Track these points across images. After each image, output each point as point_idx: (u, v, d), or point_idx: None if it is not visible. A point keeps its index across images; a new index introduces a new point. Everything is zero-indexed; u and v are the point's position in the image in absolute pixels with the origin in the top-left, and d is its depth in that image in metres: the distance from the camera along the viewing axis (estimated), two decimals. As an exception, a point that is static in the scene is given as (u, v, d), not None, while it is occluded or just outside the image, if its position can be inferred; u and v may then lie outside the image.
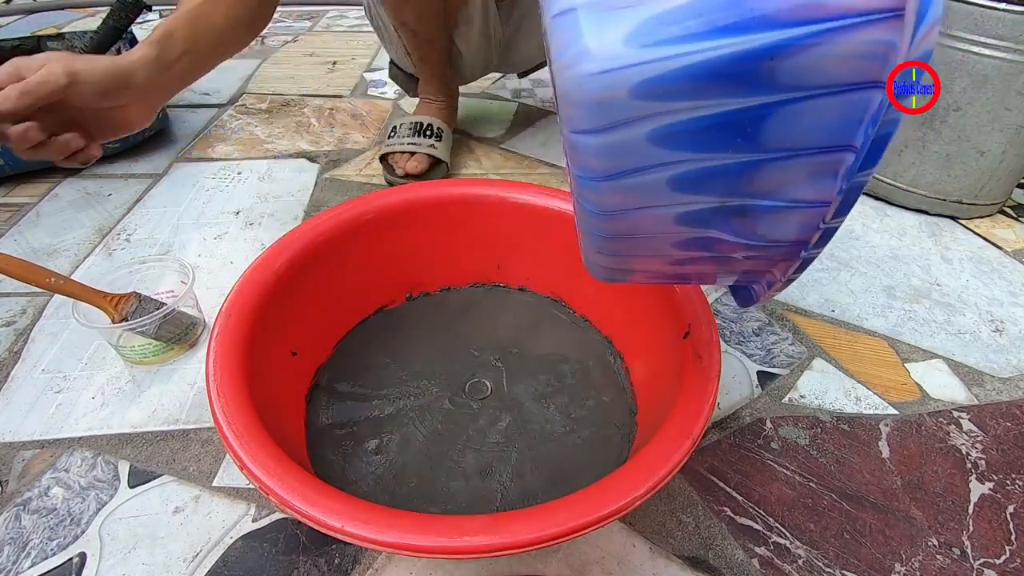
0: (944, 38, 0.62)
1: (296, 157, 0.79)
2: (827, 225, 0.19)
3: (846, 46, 0.15)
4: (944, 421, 0.46)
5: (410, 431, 0.40)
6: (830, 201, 0.18)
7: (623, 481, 0.28)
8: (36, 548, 0.36)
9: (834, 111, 0.16)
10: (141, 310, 0.45)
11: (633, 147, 0.18)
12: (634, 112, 0.17)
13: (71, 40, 0.83)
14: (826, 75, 0.15)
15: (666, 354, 0.39)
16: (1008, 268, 0.63)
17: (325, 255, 0.43)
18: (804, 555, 0.37)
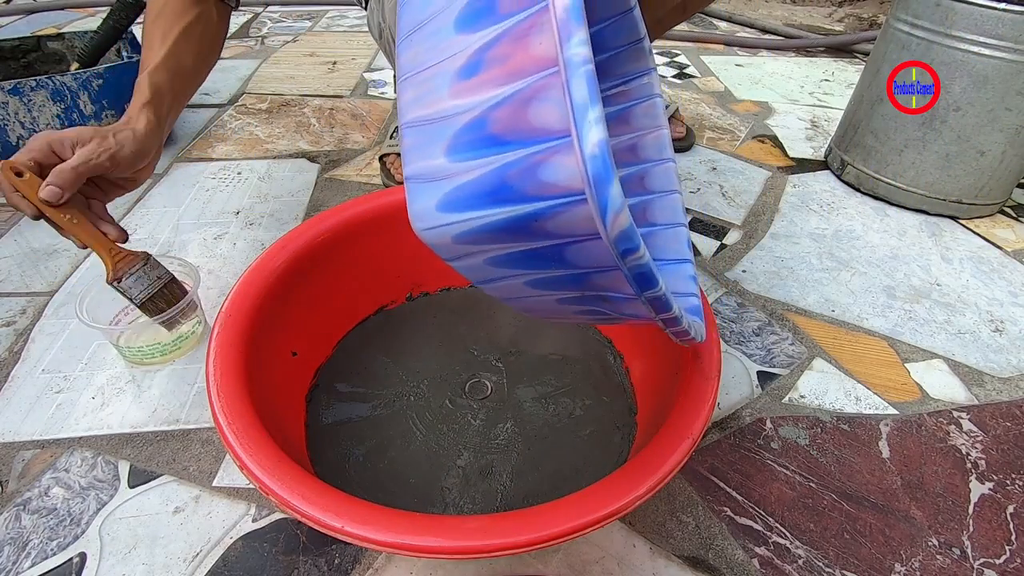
0: (944, 38, 0.62)
1: (296, 157, 0.79)
2: (659, 318, 0.24)
3: (570, 214, 0.20)
4: (944, 421, 0.46)
5: (410, 431, 0.40)
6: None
7: (623, 481, 0.28)
8: (36, 548, 0.36)
9: (595, 248, 0.21)
10: (142, 275, 0.43)
11: (480, 269, 0.23)
12: (464, 251, 0.22)
13: (71, 40, 0.84)
14: (572, 228, 0.20)
15: (666, 354, 0.39)
16: (1008, 268, 0.63)
17: (325, 255, 0.43)
18: (804, 555, 0.37)
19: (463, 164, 0.20)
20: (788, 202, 0.73)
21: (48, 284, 0.56)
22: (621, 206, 0.19)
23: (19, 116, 0.66)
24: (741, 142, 0.87)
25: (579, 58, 0.18)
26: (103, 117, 0.71)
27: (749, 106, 0.99)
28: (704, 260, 0.62)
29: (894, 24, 0.68)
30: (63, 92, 0.67)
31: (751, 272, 0.61)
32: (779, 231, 0.68)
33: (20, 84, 0.65)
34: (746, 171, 0.80)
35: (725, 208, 0.71)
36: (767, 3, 1.61)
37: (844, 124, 0.78)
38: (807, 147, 0.87)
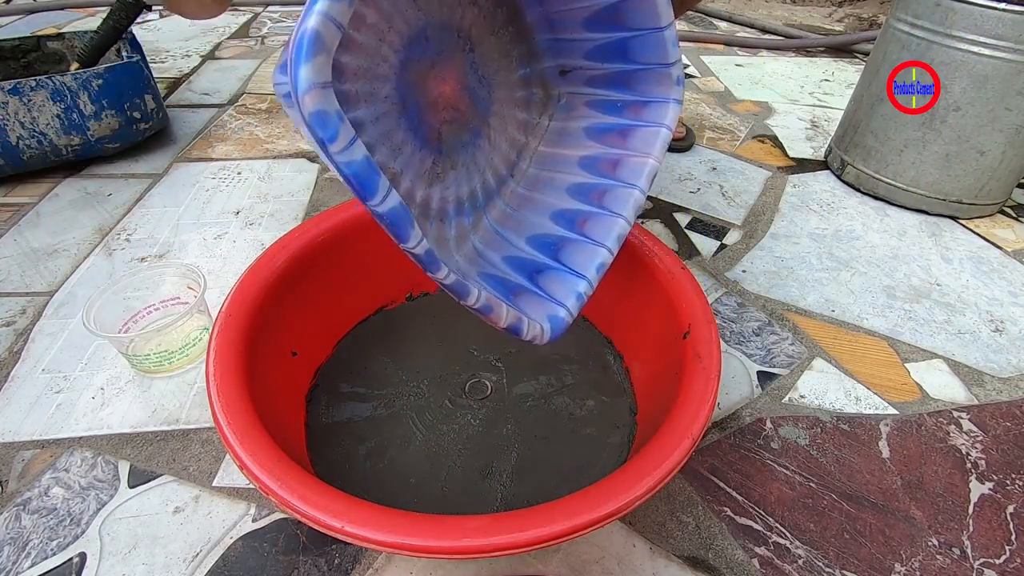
0: (944, 38, 0.62)
1: (296, 157, 0.79)
2: (404, 248, 0.27)
3: None
4: (944, 421, 0.46)
5: (410, 431, 0.40)
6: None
7: (623, 481, 0.28)
8: (36, 548, 0.36)
9: None
10: None
11: (308, 141, 0.28)
12: (289, 115, 0.26)
13: (71, 40, 0.83)
14: None
15: (666, 354, 0.39)
16: (1008, 268, 0.63)
17: (325, 255, 0.43)
18: (804, 555, 0.37)
19: (292, 37, 0.23)
20: (788, 202, 0.73)
21: (48, 284, 0.56)
22: (309, 87, 0.21)
23: (19, 116, 0.66)
24: (741, 142, 0.87)
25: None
26: (103, 117, 0.71)
27: (749, 106, 0.99)
28: (704, 260, 0.62)
29: (894, 24, 0.68)
30: (63, 92, 0.67)
31: (751, 272, 0.61)
32: (779, 231, 0.68)
33: (20, 84, 0.65)
34: (746, 171, 0.80)
35: (725, 208, 0.71)
36: (767, 3, 1.61)
37: (844, 124, 0.78)
38: (807, 147, 0.87)
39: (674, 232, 0.67)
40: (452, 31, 0.35)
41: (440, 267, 0.27)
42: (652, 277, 0.42)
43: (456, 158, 0.37)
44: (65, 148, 0.71)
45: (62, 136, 0.70)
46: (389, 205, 0.24)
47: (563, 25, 0.40)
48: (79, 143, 0.71)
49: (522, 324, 0.32)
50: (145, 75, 0.75)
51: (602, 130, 0.42)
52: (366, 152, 0.23)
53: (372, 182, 0.24)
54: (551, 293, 0.36)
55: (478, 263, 0.37)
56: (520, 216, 0.41)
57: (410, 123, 0.33)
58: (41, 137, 0.69)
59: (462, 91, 0.36)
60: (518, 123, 0.42)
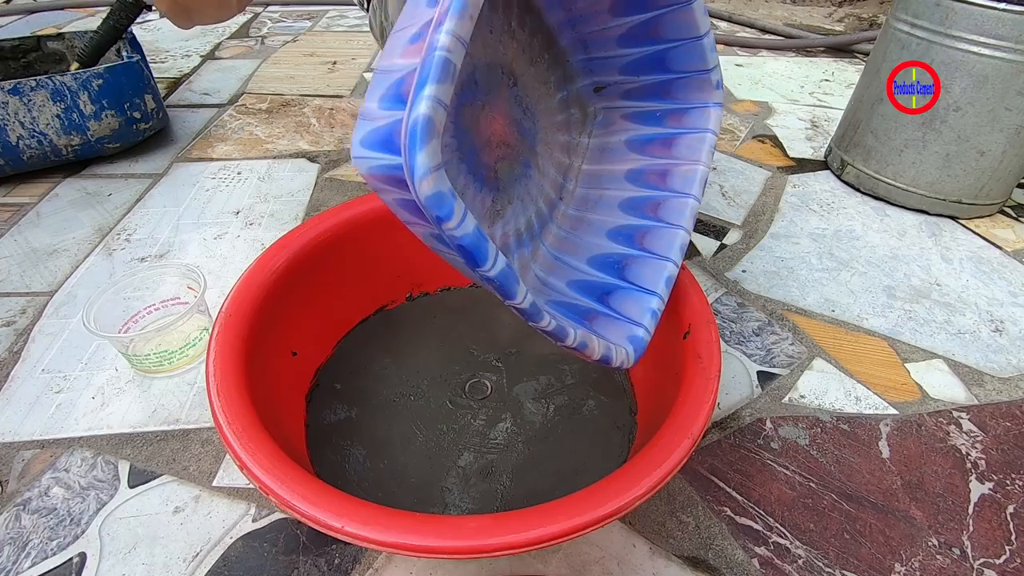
0: (944, 38, 0.62)
1: (296, 157, 0.79)
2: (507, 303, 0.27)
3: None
4: (944, 421, 0.46)
5: (410, 431, 0.40)
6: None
7: (623, 481, 0.28)
8: (36, 548, 0.36)
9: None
10: None
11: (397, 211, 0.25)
12: (376, 187, 0.24)
13: (71, 40, 0.83)
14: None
15: (666, 354, 0.39)
16: (1008, 268, 0.63)
17: (325, 255, 0.43)
18: (804, 555, 0.37)
19: (383, 112, 0.23)
20: (788, 202, 0.73)
21: (48, 284, 0.56)
22: (425, 173, 0.21)
23: (19, 116, 0.66)
24: (741, 142, 0.87)
25: (439, 43, 0.21)
26: (103, 117, 0.71)
27: (749, 106, 0.99)
28: (704, 260, 0.62)
29: (894, 24, 0.68)
30: (63, 92, 0.67)
31: (751, 272, 0.61)
32: (779, 231, 0.68)
33: (20, 84, 0.65)
34: (746, 171, 0.80)
35: (725, 208, 0.71)
36: (767, 3, 1.61)
37: (844, 124, 0.78)
38: (807, 147, 0.87)
39: (674, 232, 0.67)
40: (497, 69, 0.35)
41: (543, 316, 0.27)
42: (652, 277, 0.42)
43: (512, 192, 0.38)
44: (65, 148, 0.71)
45: (62, 136, 0.70)
46: (498, 268, 0.25)
47: (597, 45, 0.39)
48: (79, 143, 0.71)
49: (611, 353, 0.32)
50: (145, 75, 0.75)
51: (644, 141, 0.42)
52: (476, 222, 0.24)
53: (484, 250, 0.24)
54: (625, 313, 0.36)
55: (544, 292, 0.37)
56: (576, 238, 0.41)
57: (470, 167, 0.34)
58: (41, 137, 0.69)
59: (510, 126, 0.37)
60: (561, 146, 0.42)
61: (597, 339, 0.31)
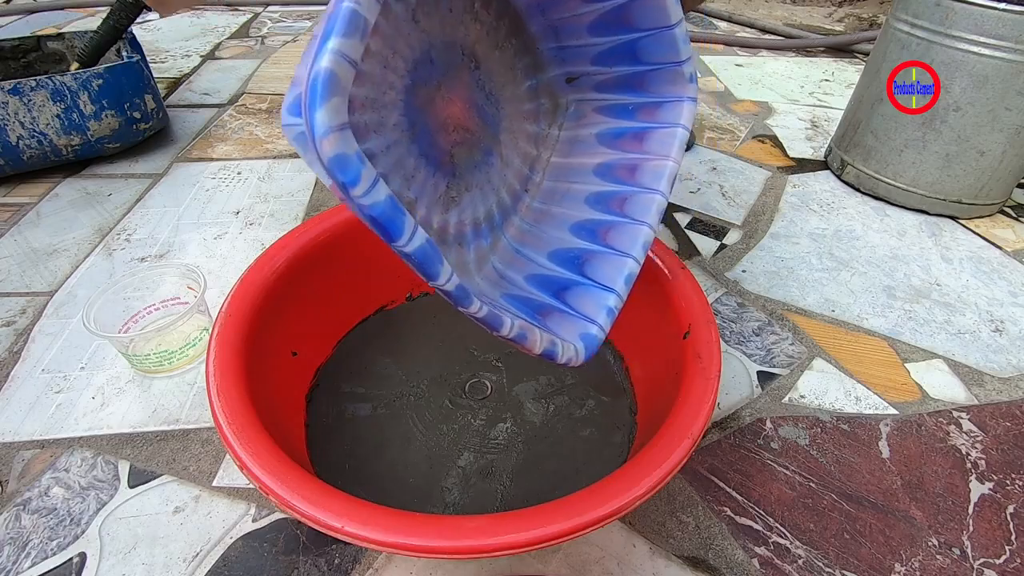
0: (944, 38, 0.62)
1: (296, 157, 0.79)
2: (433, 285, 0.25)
3: None
4: (944, 421, 0.46)
5: (410, 431, 0.40)
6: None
7: (623, 481, 0.28)
8: (36, 548, 0.36)
9: None
10: None
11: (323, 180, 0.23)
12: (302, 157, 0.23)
13: (71, 40, 0.83)
14: None
15: (666, 354, 0.39)
16: (1008, 268, 0.63)
17: (325, 255, 0.43)
18: (804, 555, 0.37)
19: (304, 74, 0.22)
20: (788, 202, 0.73)
21: (48, 284, 0.56)
22: (326, 131, 0.19)
23: (19, 116, 0.66)
24: (741, 142, 0.87)
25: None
26: (103, 117, 0.71)
27: (749, 106, 0.99)
28: (704, 260, 0.62)
29: (894, 24, 0.68)
30: (63, 92, 0.67)
31: (751, 272, 0.61)
32: (779, 231, 0.68)
33: (20, 84, 0.65)
34: (746, 171, 0.80)
35: (725, 208, 0.71)
36: (767, 3, 1.61)
37: (844, 124, 0.78)
38: (807, 147, 0.87)
39: (674, 232, 0.67)
40: (456, 49, 0.34)
41: (472, 301, 0.26)
42: (652, 277, 0.42)
43: (470, 179, 0.36)
44: (65, 148, 0.71)
45: (62, 136, 0.70)
46: (416, 244, 0.23)
47: (568, 32, 0.39)
48: (79, 143, 0.71)
49: (556, 348, 0.31)
50: (145, 75, 0.75)
51: (615, 135, 0.41)
52: (389, 191, 0.22)
53: (398, 222, 0.22)
54: (580, 310, 0.35)
55: (501, 284, 0.36)
56: (539, 231, 0.40)
57: (421, 149, 0.32)
58: (41, 137, 0.69)
59: (470, 110, 0.35)
60: (528, 136, 0.41)
61: (540, 332, 0.30)
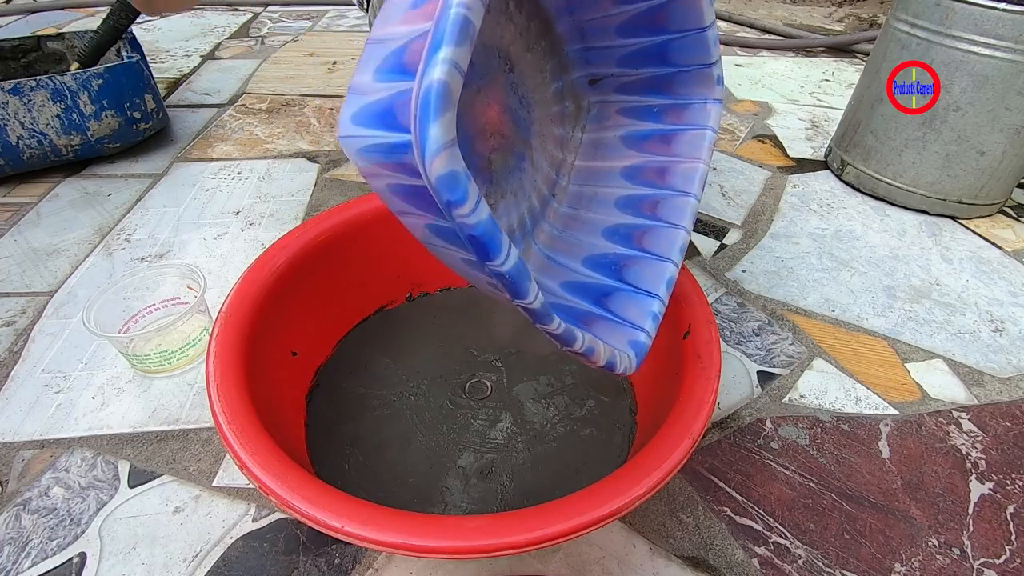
0: (944, 38, 0.62)
1: (296, 157, 0.79)
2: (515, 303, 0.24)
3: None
4: (944, 421, 0.46)
5: (410, 431, 0.40)
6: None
7: (623, 481, 0.28)
8: (36, 548, 0.36)
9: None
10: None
11: (387, 197, 0.23)
12: (367, 170, 0.22)
13: (71, 40, 0.83)
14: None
15: (666, 354, 0.39)
16: (1008, 268, 0.63)
17: (325, 255, 0.43)
18: (804, 555, 0.37)
19: (379, 84, 0.21)
20: (788, 202, 0.73)
21: (48, 284, 0.56)
22: (438, 149, 0.19)
23: (19, 116, 0.66)
24: (741, 142, 0.87)
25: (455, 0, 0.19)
26: (103, 117, 0.71)
27: (749, 106, 0.99)
28: (704, 260, 0.62)
29: (894, 24, 0.68)
30: (63, 92, 0.67)
31: (751, 272, 0.61)
32: (779, 231, 0.68)
33: (20, 84, 0.65)
34: (746, 171, 0.80)
35: (725, 208, 0.71)
36: (767, 3, 1.61)
37: (844, 124, 0.78)
38: (807, 147, 0.87)
39: (674, 232, 0.66)
40: (493, 52, 0.33)
41: (553, 318, 0.25)
42: (652, 277, 0.42)
43: (505, 186, 0.36)
44: (65, 148, 0.71)
45: (62, 136, 0.70)
46: (512, 263, 0.22)
47: (595, 33, 0.38)
48: (79, 143, 0.71)
49: (616, 359, 0.30)
50: (145, 75, 0.75)
51: (641, 137, 0.41)
52: (490, 211, 0.21)
53: (497, 241, 0.21)
54: (626, 317, 0.34)
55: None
56: (569, 237, 0.39)
57: (463, 155, 0.32)
58: (41, 137, 0.69)
59: (505, 114, 0.35)
60: (555, 139, 0.41)
61: (603, 345, 0.30)
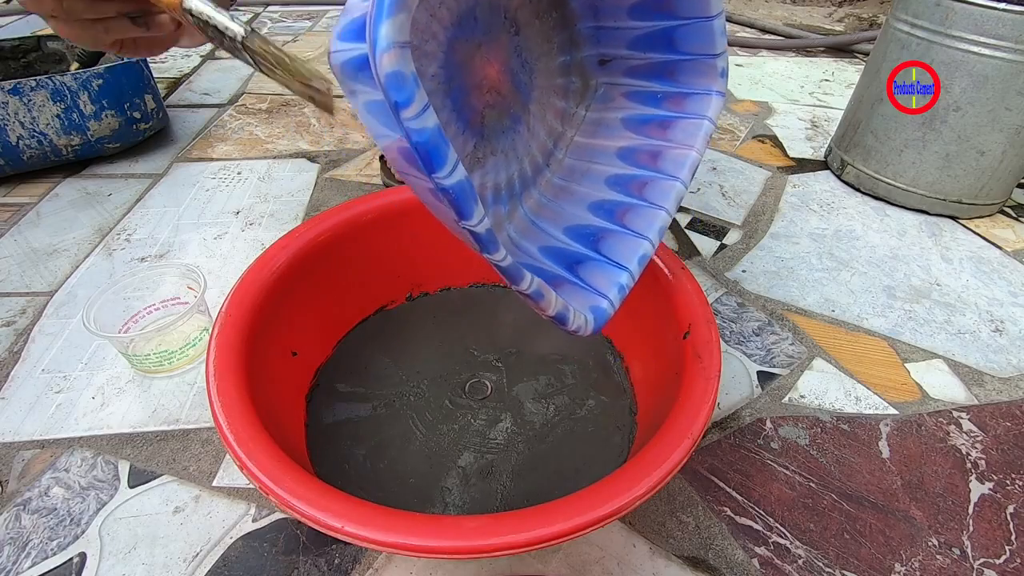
0: (944, 38, 0.62)
1: (296, 157, 0.79)
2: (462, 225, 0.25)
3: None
4: (944, 421, 0.46)
5: (410, 431, 0.40)
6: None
7: (623, 481, 0.28)
8: (36, 548, 0.36)
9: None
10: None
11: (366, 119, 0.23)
12: (348, 87, 0.23)
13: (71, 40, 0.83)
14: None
15: (666, 354, 0.39)
16: (1008, 268, 0.63)
17: (325, 255, 0.43)
18: (804, 555, 0.37)
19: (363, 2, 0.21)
20: (788, 202, 0.73)
21: (48, 284, 0.56)
22: (388, 46, 0.19)
23: (19, 116, 0.66)
24: (741, 142, 0.87)
25: None
26: (103, 117, 0.71)
27: (749, 106, 0.99)
28: (704, 260, 0.62)
29: (894, 24, 0.68)
30: (63, 92, 0.67)
31: (751, 272, 0.61)
32: (779, 231, 0.68)
33: (20, 84, 0.65)
34: (746, 171, 0.80)
35: (725, 208, 0.71)
36: (767, 3, 1.61)
37: (844, 124, 0.78)
38: (807, 147, 0.87)
39: (674, 232, 0.67)
40: (499, 11, 0.34)
41: (499, 247, 0.26)
42: (652, 277, 0.42)
43: (496, 144, 0.37)
44: (65, 148, 0.71)
45: (62, 136, 0.70)
46: (456, 178, 0.23)
47: (607, 13, 0.39)
48: (79, 143, 0.71)
49: (568, 313, 0.31)
50: (145, 75, 0.75)
51: (641, 121, 0.42)
52: (437, 120, 0.22)
53: (441, 152, 0.22)
54: (592, 284, 0.36)
55: (514, 252, 0.36)
56: (557, 207, 0.40)
57: (455, 104, 0.33)
58: (41, 137, 0.69)
59: (505, 74, 0.36)
60: (556, 111, 0.41)
61: (555, 296, 0.30)
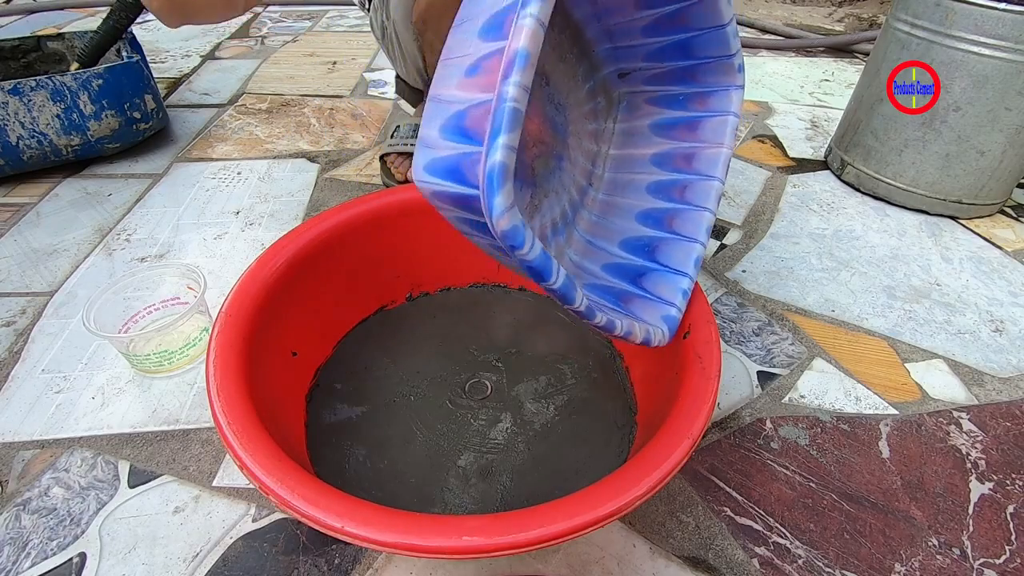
0: (944, 38, 0.62)
1: (296, 157, 0.79)
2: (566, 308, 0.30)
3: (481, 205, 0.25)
4: (944, 421, 0.46)
5: (410, 431, 0.40)
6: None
7: (623, 481, 0.28)
8: (36, 548, 0.36)
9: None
10: None
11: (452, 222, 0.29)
12: (438, 205, 0.28)
13: (71, 40, 0.84)
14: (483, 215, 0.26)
15: (666, 354, 0.39)
16: (1008, 268, 0.63)
17: (325, 255, 0.43)
18: (804, 555, 0.37)
19: (446, 143, 0.26)
20: (788, 202, 0.73)
21: (48, 284, 0.56)
22: (502, 212, 0.24)
23: (19, 116, 0.66)
24: (741, 142, 0.87)
25: (508, 95, 0.23)
26: (103, 117, 0.71)
27: (749, 106, 0.99)
28: (704, 260, 0.62)
29: (894, 24, 0.68)
30: (63, 92, 0.67)
31: (751, 272, 0.61)
32: (779, 231, 0.68)
33: (20, 84, 0.65)
34: (746, 171, 0.80)
35: (725, 208, 0.71)
36: (767, 3, 1.61)
37: (844, 124, 0.78)
38: (807, 147, 0.87)
39: (674, 232, 0.67)
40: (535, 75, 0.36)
41: (596, 314, 0.31)
42: (652, 277, 0.42)
43: (547, 186, 0.39)
44: (65, 148, 0.71)
45: (62, 136, 0.70)
46: (561, 280, 0.28)
47: (622, 34, 0.40)
48: (79, 143, 0.71)
49: (651, 335, 0.35)
50: (145, 75, 0.75)
51: (669, 125, 0.43)
52: (542, 247, 0.26)
53: (549, 268, 0.27)
54: (659, 294, 0.38)
55: (580, 276, 0.39)
56: (608, 223, 0.43)
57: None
58: (41, 137, 0.69)
59: (544, 123, 0.38)
60: (590, 134, 0.43)
61: (639, 325, 0.34)
